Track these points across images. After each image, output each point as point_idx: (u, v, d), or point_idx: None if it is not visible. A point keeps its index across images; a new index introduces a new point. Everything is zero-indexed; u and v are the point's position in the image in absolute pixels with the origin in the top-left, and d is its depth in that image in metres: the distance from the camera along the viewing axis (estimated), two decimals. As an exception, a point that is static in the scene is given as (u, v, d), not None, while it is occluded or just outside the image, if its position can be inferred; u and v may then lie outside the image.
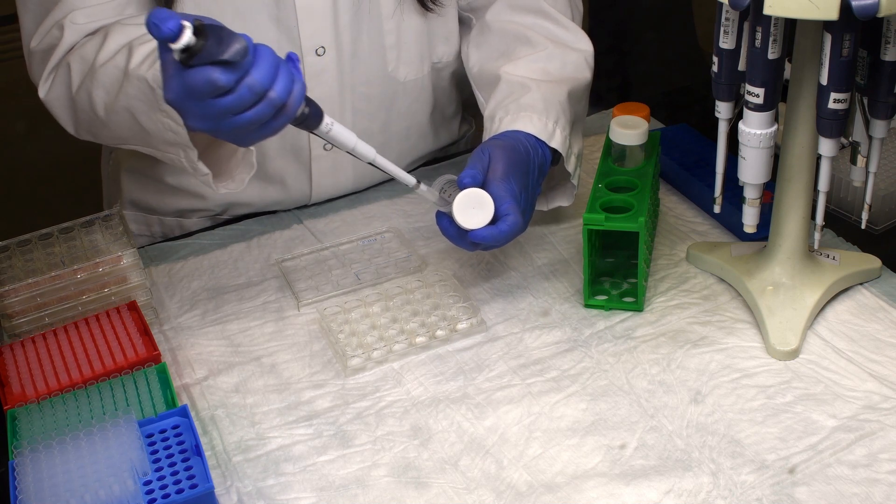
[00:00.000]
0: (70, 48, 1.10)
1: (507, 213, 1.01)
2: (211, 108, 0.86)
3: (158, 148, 1.06)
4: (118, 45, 1.06)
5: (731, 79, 0.97)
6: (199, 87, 0.83)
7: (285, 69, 0.87)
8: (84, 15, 1.09)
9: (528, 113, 1.11)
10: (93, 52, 1.07)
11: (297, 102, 0.89)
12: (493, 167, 1.04)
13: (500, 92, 1.16)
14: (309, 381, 1.03)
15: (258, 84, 0.85)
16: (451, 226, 1.02)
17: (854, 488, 0.87)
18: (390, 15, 1.20)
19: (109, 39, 1.06)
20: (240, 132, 0.89)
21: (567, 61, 1.20)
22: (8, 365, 1.02)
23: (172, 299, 1.15)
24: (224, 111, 0.86)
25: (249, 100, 0.85)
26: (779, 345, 1.00)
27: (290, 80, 0.88)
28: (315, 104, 0.92)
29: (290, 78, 0.87)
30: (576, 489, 0.88)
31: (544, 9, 1.22)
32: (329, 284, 1.15)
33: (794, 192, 1.02)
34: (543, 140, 1.10)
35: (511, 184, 1.03)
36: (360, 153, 0.97)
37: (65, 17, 1.09)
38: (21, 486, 0.86)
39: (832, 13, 0.84)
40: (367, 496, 0.90)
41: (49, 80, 1.12)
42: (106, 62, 1.05)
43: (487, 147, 1.06)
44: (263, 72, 0.85)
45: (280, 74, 0.86)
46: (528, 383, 1.00)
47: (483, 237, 1.01)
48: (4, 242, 1.12)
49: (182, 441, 0.93)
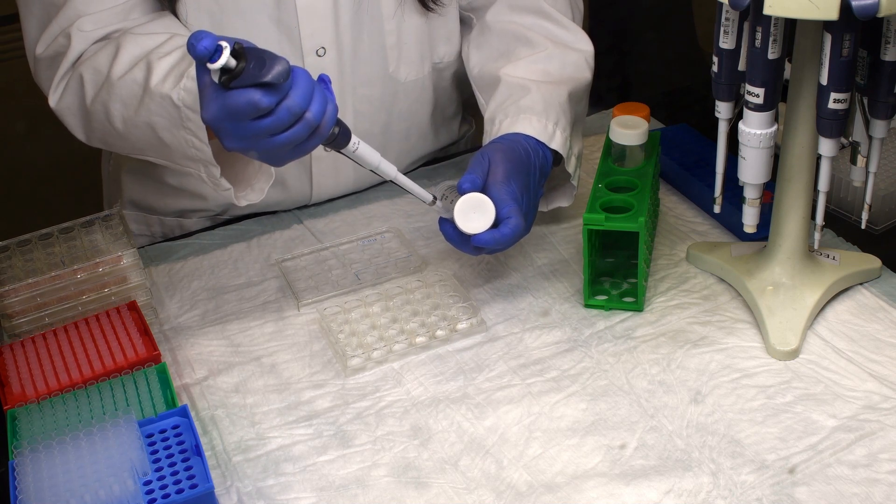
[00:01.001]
0: (79, 56, 1.10)
1: (508, 216, 1.01)
2: (249, 130, 0.87)
3: (178, 162, 1.06)
4: (133, 58, 1.06)
5: (731, 79, 0.97)
6: (239, 109, 0.85)
7: (319, 91, 0.89)
8: (91, 22, 1.09)
9: (528, 115, 1.11)
10: (106, 64, 1.07)
11: (330, 123, 0.90)
12: (494, 171, 1.04)
13: (499, 94, 1.16)
14: (309, 381, 1.03)
15: (297, 106, 0.86)
16: (454, 231, 1.03)
17: (854, 488, 0.87)
18: (391, 15, 1.20)
19: (123, 51, 1.06)
20: (275, 152, 0.90)
21: (567, 62, 1.20)
22: (8, 365, 1.02)
23: (172, 299, 1.15)
24: (262, 132, 0.87)
25: (287, 121, 0.87)
26: (779, 345, 1.00)
27: (325, 102, 0.89)
28: (344, 124, 0.94)
29: (324, 99, 0.89)
30: (576, 489, 0.88)
31: (544, 9, 1.22)
32: (329, 284, 1.15)
33: (794, 192, 1.02)
34: (543, 142, 1.10)
35: (512, 186, 1.03)
36: (382, 171, 1.00)
37: (71, 24, 1.09)
38: (21, 486, 0.86)
39: (832, 13, 0.84)
40: (367, 496, 0.90)
41: (60, 89, 1.12)
42: (123, 75, 1.05)
43: (487, 151, 1.06)
44: (301, 93, 0.86)
45: (315, 96, 0.88)
46: (528, 383, 1.00)
47: (485, 241, 1.01)
48: (4, 242, 1.12)
49: (182, 441, 0.93)
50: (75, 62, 1.10)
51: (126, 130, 1.07)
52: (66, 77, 1.11)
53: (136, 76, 1.04)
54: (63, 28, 1.09)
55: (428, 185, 1.32)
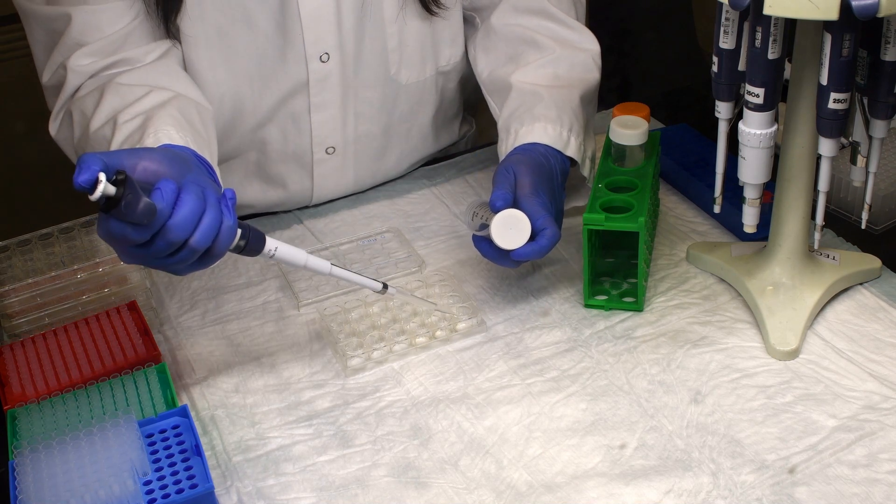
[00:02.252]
0: (75, 91, 1.12)
1: (543, 227, 1.02)
2: (134, 253, 0.86)
3: None
4: (110, 110, 1.06)
5: (731, 79, 0.97)
6: (115, 237, 0.84)
7: (212, 213, 0.86)
8: (87, 54, 1.10)
9: (543, 123, 1.12)
10: (90, 110, 1.08)
11: (224, 245, 0.88)
12: (521, 183, 1.05)
13: (512, 101, 1.17)
14: (309, 381, 1.03)
15: (175, 236, 0.84)
16: (491, 248, 1.03)
17: (854, 488, 0.87)
18: (393, 19, 1.20)
19: (103, 102, 1.07)
20: (170, 269, 0.89)
21: (575, 63, 1.20)
22: (8, 365, 1.02)
23: (172, 299, 1.15)
24: (147, 256, 0.86)
25: (167, 250, 0.85)
26: (779, 345, 1.00)
27: (216, 225, 0.86)
28: (256, 232, 0.92)
29: (215, 223, 0.86)
30: (576, 489, 0.88)
31: (549, 10, 1.22)
32: (329, 284, 1.15)
33: (794, 192, 1.02)
34: (559, 150, 1.10)
35: (542, 198, 1.04)
36: (312, 267, 0.96)
37: (68, 58, 1.10)
38: (21, 486, 0.86)
39: (832, 13, 0.84)
40: (367, 496, 0.90)
41: (57, 120, 1.14)
42: (97, 129, 1.06)
43: (511, 165, 1.07)
44: (179, 224, 0.84)
45: (204, 221, 0.86)
46: (528, 383, 1.00)
47: (526, 255, 1.02)
48: (4, 242, 1.12)
49: (182, 441, 0.93)
50: (71, 96, 1.12)
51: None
52: (63, 110, 1.13)
53: (106, 133, 1.05)
54: (63, 58, 1.11)
55: (428, 185, 1.33)
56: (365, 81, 1.22)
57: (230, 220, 0.88)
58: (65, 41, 1.10)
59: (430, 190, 1.32)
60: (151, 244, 0.85)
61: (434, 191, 1.31)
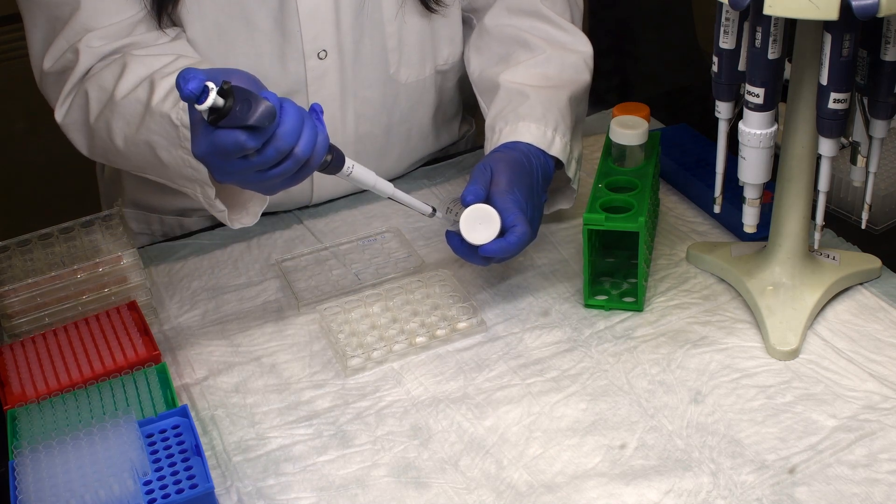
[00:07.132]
0: (86, 72, 1.10)
1: (514, 224, 1.01)
2: (238, 166, 0.87)
3: (175, 181, 1.06)
4: (138, 78, 1.06)
5: (731, 79, 0.97)
6: (227, 148, 0.85)
7: (309, 124, 0.89)
8: (98, 37, 1.09)
9: (527, 122, 1.11)
10: (111, 82, 1.07)
11: (320, 156, 0.91)
12: (496, 180, 1.04)
13: (499, 100, 1.16)
14: (309, 381, 1.03)
15: (284, 144, 0.86)
16: (461, 243, 1.03)
17: (854, 488, 0.87)
18: (392, 17, 1.20)
19: (128, 71, 1.06)
20: (265, 185, 0.91)
21: (566, 64, 1.20)
22: (8, 365, 1.02)
23: (172, 299, 1.15)
24: (250, 169, 0.87)
25: (275, 159, 0.87)
26: (779, 345, 1.00)
27: (314, 135, 0.89)
28: (338, 150, 0.95)
29: (313, 133, 0.89)
30: (576, 489, 0.88)
31: (542, 11, 1.22)
32: (329, 284, 1.15)
33: (794, 192, 1.02)
34: (543, 149, 1.10)
35: (516, 195, 1.03)
36: (379, 190, 1.01)
37: (78, 39, 1.09)
38: (21, 486, 0.86)
39: (832, 13, 0.84)
40: (367, 496, 0.90)
41: (66, 105, 1.12)
42: (127, 94, 1.05)
43: (489, 161, 1.07)
44: (288, 131, 0.86)
45: (304, 131, 0.88)
46: (528, 383, 1.00)
47: (493, 251, 1.01)
48: (4, 242, 1.12)
49: (182, 441, 0.93)
50: (83, 78, 1.11)
51: (126, 149, 1.08)
52: (73, 93, 1.11)
53: (140, 95, 1.04)
54: (70, 43, 1.09)
55: (428, 185, 1.33)
56: (364, 81, 1.22)
57: (325, 132, 0.91)
58: (72, 26, 1.09)
59: (430, 190, 1.32)
60: (261, 152, 0.86)
61: (434, 191, 1.31)
